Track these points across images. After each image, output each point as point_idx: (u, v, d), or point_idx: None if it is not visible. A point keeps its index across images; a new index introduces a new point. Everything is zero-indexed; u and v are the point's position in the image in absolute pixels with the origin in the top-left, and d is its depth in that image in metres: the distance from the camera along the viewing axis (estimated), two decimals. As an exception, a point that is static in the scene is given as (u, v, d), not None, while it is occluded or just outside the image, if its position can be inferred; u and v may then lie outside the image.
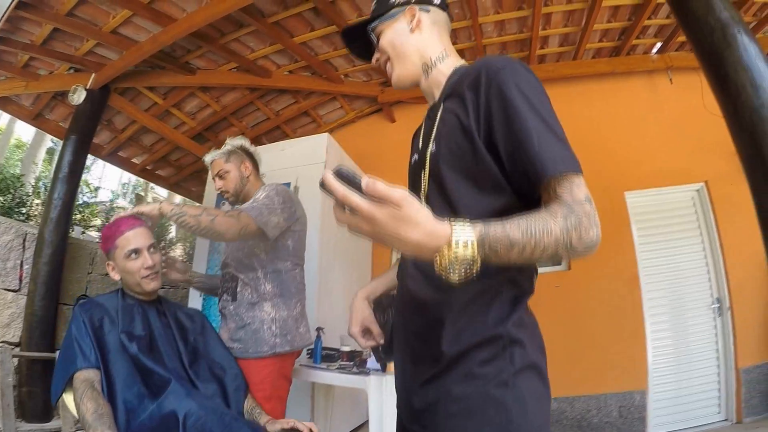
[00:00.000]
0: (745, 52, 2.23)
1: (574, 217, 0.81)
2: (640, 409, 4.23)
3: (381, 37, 1.21)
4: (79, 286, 4.66)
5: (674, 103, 4.89)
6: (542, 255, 0.80)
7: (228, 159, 2.41)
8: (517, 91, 0.91)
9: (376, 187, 0.68)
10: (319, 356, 3.05)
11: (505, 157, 0.91)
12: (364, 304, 1.30)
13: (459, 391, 0.92)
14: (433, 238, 0.71)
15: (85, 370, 1.60)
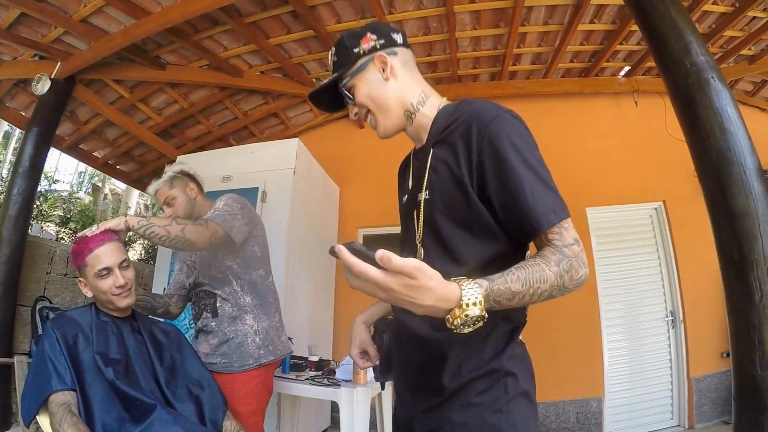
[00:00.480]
0: (717, 97, 2.33)
1: (566, 261, 0.89)
2: (596, 415, 4.39)
3: (355, 92, 1.16)
4: (38, 287, 4.49)
5: (638, 125, 5.10)
6: (539, 299, 0.87)
7: (172, 185, 2.36)
8: (508, 144, 0.96)
9: (391, 262, 0.71)
10: (288, 366, 3.04)
11: (499, 209, 0.97)
12: (363, 328, 1.33)
13: (459, 419, 0.99)
14: (444, 302, 0.76)
15: (61, 392, 1.55)
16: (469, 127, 1.00)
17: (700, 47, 2.44)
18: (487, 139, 0.97)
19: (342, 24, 4.29)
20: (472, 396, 1.00)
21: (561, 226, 0.93)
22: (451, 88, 5.27)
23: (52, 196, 8.73)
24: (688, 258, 4.62)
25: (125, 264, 1.81)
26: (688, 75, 2.40)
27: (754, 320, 2.09)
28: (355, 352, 1.31)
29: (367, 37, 1.14)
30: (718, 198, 2.29)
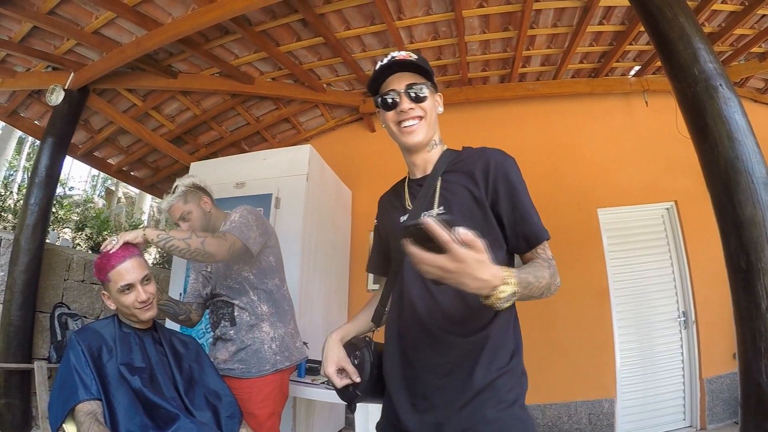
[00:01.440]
0: (725, 105, 2.31)
1: (552, 268, 1.15)
2: (608, 416, 4.37)
3: (425, 101, 1.33)
4: (56, 293, 4.54)
5: (648, 125, 5.05)
6: (537, 293, 1.08)
7: (186, 200, 2.37)
8: (516, 179, 1.26)
9: (468, 236, 0.83)
10: (304, 370, 3.06)
11: (508, 223, 1.24)
12: (338, 345, 1.37)
13: (493, 415, 1.12)
14: (495, 278, 0.90)
15: (87, 402, 1.59)
16: (487, 163, 1.26)
17: (708, 54, 2.41)
18: (502, 172, 1.25)
19: (351, 31, 4.30)
20: (502, 393, 1.14)
21: (545, 245, 1.23)
22: (461, 91, 5.28)
23: (67, 203, 8.80)
24: (700, 258, 4.58)
25: (147, 279, 1.84)
26: (697, 82, 2.37)
27: (760, 328, 2.08)
28: (331, 369, 1.32)
29: None
30: (725, 206, 2.27)
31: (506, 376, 1.16)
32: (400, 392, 1.25)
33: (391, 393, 1.28)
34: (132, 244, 1.83)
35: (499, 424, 1.11)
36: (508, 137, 4.99)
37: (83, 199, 12.85)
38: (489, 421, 1.11)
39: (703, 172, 2.43)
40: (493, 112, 5.34)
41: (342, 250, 5.22)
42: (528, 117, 5.27)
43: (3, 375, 3.79)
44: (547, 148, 5.03)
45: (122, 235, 1.82)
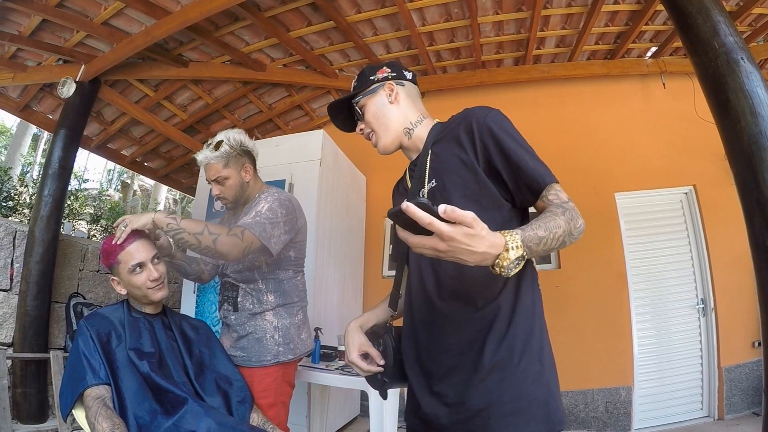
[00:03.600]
0: (747, 79, 2.23)
1: (568, 212, 1.05)
2: (625, 404, 4.26)
3: (365, 111, 1.38)
4: (71, 283, 4.55)
5: (666, 107, 4.88)
6: (556, 244, 1.00)
7: (227, 164, 2.13)
8: (501, 130, 1.17)
9: (455, 213, 0.78)
10: (318, 356, 3.01)
11: (508, 178, 1.15)
12: (359, 332, 1.34)
13: (509, 395, 1.06)
14: (494, 247, 0.86)
15: (96, 386, 1.56)
16: (470, 123, 1.20)
17: (728, 27, 2.32)
18: (485, 128, 1.17)
19: (362, 14, 4.19)
20: (518, 370, 1.08)
21: (555, 189, 1.12)
22: (475, 75, 5.15)
23: (82, 195, 8.84)
24: (720, 244, 4.43)
25: (157, 258, 1.81)
26: (717, 56, 2.30)
27: (785, 310, 2.00)
28: (354, 354, 1.29)
29: (383, 70, 1.40)
30: (749, 184, 2.20)
31: (522, 351, 1.10)
32: (418, 376, 1.23)
33: (410, 377, 1.25)
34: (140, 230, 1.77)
35: (516, 404, 1.07)
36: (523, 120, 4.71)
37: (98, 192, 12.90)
38: (505, 401, 1.07)
39: (726, 148, 2.35)
40: (508, 95, 5.18)
41: (357, 235, 5.17)
42: (543, 100, 5.13)
43: (19, 365, 3.79)
44: (562, 131, 4.89)
45: (131, 222, 1.74)
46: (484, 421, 1.07)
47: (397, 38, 4.63)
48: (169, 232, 1.77)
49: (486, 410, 1.07)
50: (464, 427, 1.10)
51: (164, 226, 1.75)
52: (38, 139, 16.04)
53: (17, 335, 3.84)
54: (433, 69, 5.12)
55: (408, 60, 5.02)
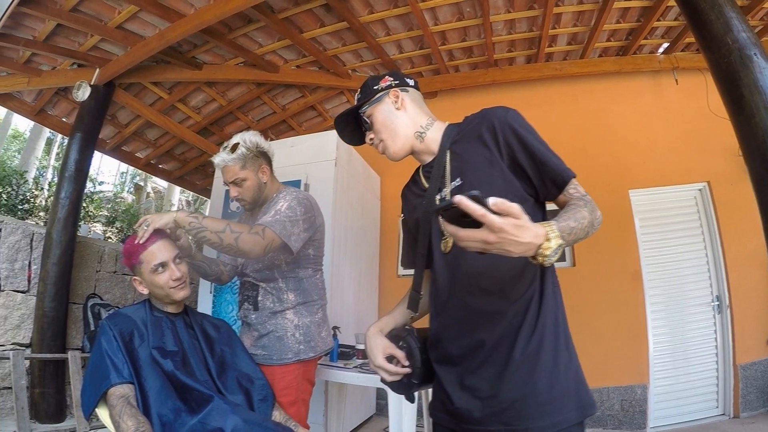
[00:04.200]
0: (761, 75, 2.21)
1: (589, 205, 1.09)
2: (641, 402, 4.17)
3: (373, 120, 1.38)
4: (88, 285, 4.56)
5: (679, 104, 4.78)
6: (582, 234, 1.03)
7: (244, 165, 2.12)
8: (522, 128, 1.19)
9: (504, 204, 0.81)
10: (336, 355, 2.99)
11: (532, 174, 1.18)
12: (380, 335, 1.33)
13: (543, 385, 1.07)
14: (537, 237, 0.88)
15: (120, 385, 1.55)
16: (492, 122, 1.21)
17: (741, 23, 2.29)
18: (508, 126, 1.19)
19: (375, 14, 4.15)
20: (549, 361, 1.09)
21: (575, 183, 1.16)
22: (487, 73, 5.08)
23: (97, 198, 8.86)
24: (734, 240, 4.32)
25: (179, 258, 1.80)
26: (731, 52, 2.28)
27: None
28: (380, 359, 1.27)
29: (386, 79, 1.40)
30: (764, 179, 2.19)
31: (552, 341, 1.12)
32: (448, 372, 1.22)
33: (439, 374, 1.25)
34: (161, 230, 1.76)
35: (549, 393, 1.08)
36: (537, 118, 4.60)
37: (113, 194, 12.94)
38: (540, 390, 1.07)
39: (740, 144, 2.32)
40: (521, 94, 5.11)
41: (372, 235, 5.13)
42: (556, 97, 5.04)
43: (38, 365, 3.80)
44: (576, 129, 4.80)
45: (153, 222, 1.72)
46: (519, 412, 1.07)
47: (410, 38, 4.58)
48: (191, 231, 1.75)
49: (520, 401, 1.07)
50: (498, 420, 1.10)
51: (186, 225, 1.74)
52: (52, 143, 16.09)
53: (35, 336, 3.84)
54: (446, 68, 5.05)
55: (420, 59, 4.98)
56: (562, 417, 1.06)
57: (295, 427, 1.82)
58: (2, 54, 4.21)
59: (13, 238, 3.87)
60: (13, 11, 3.52)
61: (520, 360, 1.09)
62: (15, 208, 5.06)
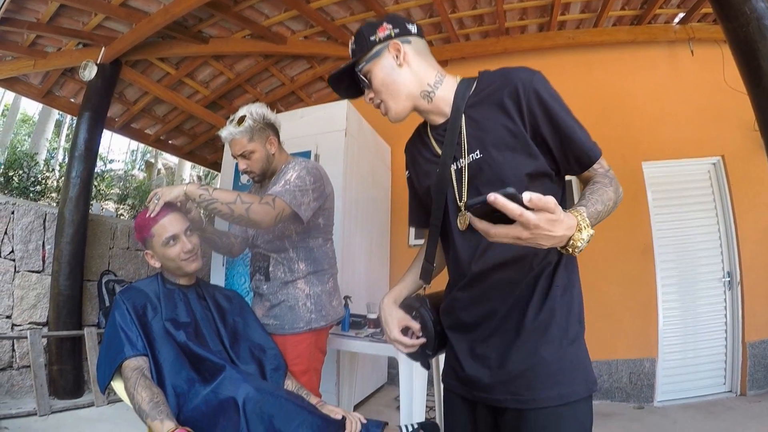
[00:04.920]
0: None
1: (614, 182, 1.06)
2: (649, 376, 4.12)
3: (372, 78, 1.20)
4: (102, 262, 4.53)
5: (694, 75, 4.57)
6: (607, 214, 1.00)
7: (252, 138, 2.08)
8: (549, 96, 1.07)
9: (540, 200, 0.77)
10: (347, 324, 2.96)
11: (555, 148, 1.08)
12: (395, 307, 1.30)
13: (550, 356, 1.04)
14: (570, 229, 0.84)
15: (134, 358, 1.54)
16: (515, 87, 1.07)
17: None
18: (532, 92, 1.06)
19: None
20: (558, 332, 1.06)
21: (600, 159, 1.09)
22: (498, 42, 4.88)
23: (108, 176, 8.82)
24: (747, 215, 4.19)
25: (190, 230, 1.78)
26: (748, 22, 2.17)
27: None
28: (396, 332, 1.25)
29: (383, 27, 1.19)
30: None
31: (562, 313, 1.08)
32: (460, 340, 1.20)
33: (452, 340, 1.22)
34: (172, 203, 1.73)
35: (558, 364, 1.05)
36: None
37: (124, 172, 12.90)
38: (548, 361, 1.04)
39: (757, 117, 2.24)
40: (533, 63, 4.76)
41: (382, 205, 5.05)
42: (569, 67, 4.82)
43: (55, 343, 3.80)
44: (589, 99, 4.56)
45: (163, 195, 1.68)
46: (526, 381, 1.05)
47: (419, 6, 4.39)
48: (201, 203, 1.72)
49: (528, 371, 1.05)
50: (506, 389, 1.08)
51: (197, 197, 1.70)
52: (61, 125, 16.00)
53: (52, 314, 3.84)
54: (456, 36, 4.85)
55: (430, 28, 4.78)
56: (571, 389, 1.04)
57: (307, 396, 1.80)
58: (6, 38, 4.13)
59: (26, 219, 3.84)
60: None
61: (529, 330, 1.06)
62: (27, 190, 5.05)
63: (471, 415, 1.20)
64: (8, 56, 4.38)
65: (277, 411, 1.49)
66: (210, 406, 1.49)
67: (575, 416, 1.04)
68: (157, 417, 1.39)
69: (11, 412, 3.25)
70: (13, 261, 3.73)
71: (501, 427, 1.12)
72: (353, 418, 1.67)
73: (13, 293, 3.72)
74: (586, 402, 1.06)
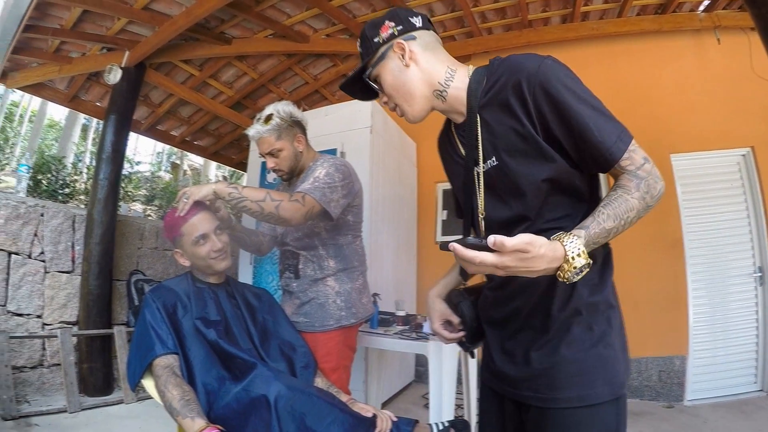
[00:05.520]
0: None
1: (643, 183, 0.91)
2: (679, 374, 3.95)
3: (381, 82, 1.13)
4: (130, 261, 4.53)
5: (721, 65, 4.35)
6: (628, 227, 0.90)
7: (279, 136, 2.04)
8: (560, 85, 0.93)
9: (504, 246, 0.74)
10: (376, 321, 2.91)
11: (570, 149, 0.95)
12: (439, 301, 1.30)
13: (573, 356, 0.98)
14: (554, 262, 0.79)
15: (164, 356, 1.52)
16: (518, 82, 0.96)
17: None
18: (538, 87, 0.94)
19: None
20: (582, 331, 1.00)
21: (629, 151, 0.93)
22: (521, 34, 4.73)
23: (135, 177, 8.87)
24: (779, 209, 3.97)
25: (219, 229, 1.76)
26: None
27: None
28: (437, 324, 1.27)
29: (386, 26, 1.11)
30: None
31: (586, 313, 1.00)
32: (493, 335, 1.18)
33: (487, 334, 1.20)
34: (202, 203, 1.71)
35: (580, 364, 0.98)
36: None
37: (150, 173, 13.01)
38: (569, 361, 0.99)
39: None
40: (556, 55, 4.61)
41: (409, 202, 4.95)
42: (593, 59, 4.65)
43: (85, 341, 3.81)
44: (614, 91, 4.36)
45: (192, 193, 1.66)
46: (548, 380, 1.00)
47: (441, 1, 4.28)
48: (231, 201, 1.69)
49: (550, 369, 1.01)
50: (530, 386, 1.04)
51: (226, 196, 1.68)
52: (87, 129, 16.23)
53: (82, 314, 3.85)
54: (479, 31, 4.71)
55: (452, 22, 4.66)
56: (592, 391, 0.97)
57: (337, 394, 1.76)
58: (32, 45, 4.14)
59: (55, 221, 3.85)
60: (39, 1, 3.41)
61: (551, 329, 1.02)
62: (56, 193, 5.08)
63: (501, 409, 1.17)
64: (34, 62, 4.40)
65: (309, 409, 1.45)
66: (241, 404, 1.46)
67: (600, 419, 0.98)
68: (188, 415, 1.36)
69: (42, 409, 3.25)
70: (43, 262, 3.74)
71: (525, 423, 1.08)
72: (384, 416, 1.64)
73: (43, 293, 3.72)
74: (612, 405, 0.98)
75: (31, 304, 3.63)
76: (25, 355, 3.54)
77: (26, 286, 3.62)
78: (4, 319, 3.46)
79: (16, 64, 4.40)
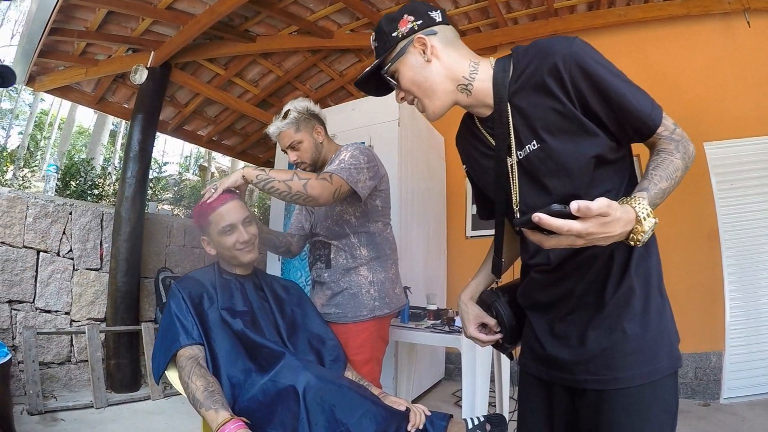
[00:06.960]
0: None
1: (681, 145, 0.90)
2: (716, 371, 3.63)
3: (399, 78, 1.06)
4: (158, 259, 4.42)
5: (753, 48, 3.99)
6: (674, 188, 0.87)
7: (298, 128, 1.99)
8: (593, 62, 0.91)
9: (590, 210, 0.70)
10: (407, 315, 2.75)
11: (610, 122, 0.92)
12: (472, 304, 1.23)
13: (633, 330, 0.92)
14: (628, 224, 0.75)
15: (189, 347, 1.45)
16: (554, 63, 0.91)
17: None
18: (574, 65, 0.90)
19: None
20: (641, 306, 0.94)
21: (663, 118, 0.92)
22: (548, 24, 4.45)
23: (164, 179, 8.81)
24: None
25: (248, 220, 1.67)
26: None
27: None
28: (472, 328, 1.19)
29: (405, 20, 1.04)
30: None
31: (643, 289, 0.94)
32: (540, 318, 1.09)
33: (531, 320, 1.11)
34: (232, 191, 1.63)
35: (640, 340, 0.92)
36: None
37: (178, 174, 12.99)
38: (629, 337, 0.92)
39: None
40: None
41: (438, 195, 4.74)
42: (621, 46, 4.34)
43: (112, 338, 3.71)
44: (644, 78, 3.88)
45: (221, 182, 1.60)
46: (607, 360, 0.93)
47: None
48: (259, 183, 1.60)
49: (610, 349, 0.93)
50: (586, 369, 0.96)
51: (254, 179, 1.60)
52: (116, 135, 16.30)
53: (109, 311, 3.76)
54: (504, 21, 4.46)
55: (477, 13, 4.43)
56: (654, 367, 0.91)
57: (369, 387, 1.66)
58: (58, 48, 4.04)
59: (83, 219, 3.78)
60: (63, 5, 3.31)
61: (609, 307, 0.95)
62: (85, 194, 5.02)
63: (547, 398, 1.08)
64: (60, 65, 4.30)
65: (339, 400, 1.35)
66: (268, 396, 1.37)
67: (660, 395, 0.92)
68: (212, 407, 1.27)
69: (68, 404, 3.18)
70: (71, 259, 3.67)
71: (580, 410, 0.99)
72: (417, 410, 1.52)
73: (71, 290, 3.66)
74: (671, 378, 0.94)
75: (59, 300, 3.56)
76: (52, 351, 3.48)
77: (54, 283, 3.55)
78: (33, 315, 3.41)
79: (43, 68, 4.31)
